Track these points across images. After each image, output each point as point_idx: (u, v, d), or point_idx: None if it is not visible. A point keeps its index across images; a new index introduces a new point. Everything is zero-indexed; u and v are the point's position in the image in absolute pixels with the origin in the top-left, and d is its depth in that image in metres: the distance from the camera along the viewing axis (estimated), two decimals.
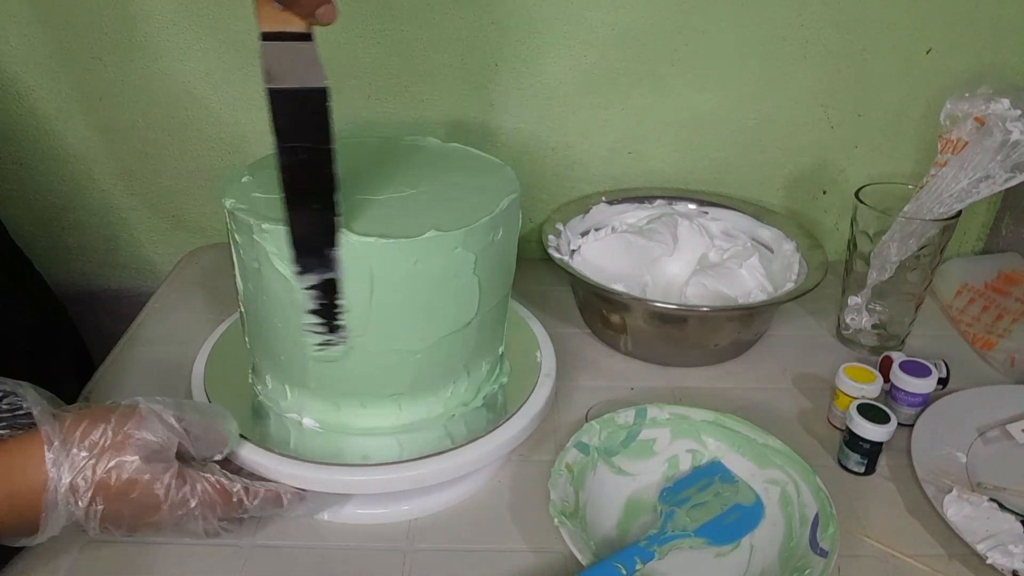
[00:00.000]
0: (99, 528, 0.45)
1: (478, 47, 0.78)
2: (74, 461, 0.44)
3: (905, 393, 0.64)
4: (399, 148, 0.60)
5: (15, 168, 0.85)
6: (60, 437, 0.44)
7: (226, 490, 0.48)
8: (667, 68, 0.80)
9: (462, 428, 0.55)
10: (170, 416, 0.47)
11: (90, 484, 0.44)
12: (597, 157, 0.85)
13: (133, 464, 0.44)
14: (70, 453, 0.44)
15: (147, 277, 0.93)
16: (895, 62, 0.81)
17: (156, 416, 0.46)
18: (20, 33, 0.77)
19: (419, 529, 0.55)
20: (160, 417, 0.46)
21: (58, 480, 0.43)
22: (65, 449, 0.44)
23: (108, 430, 0.45)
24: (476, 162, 0.59)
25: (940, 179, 0.67)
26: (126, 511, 0.45)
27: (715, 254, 0.81)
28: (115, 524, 0.46)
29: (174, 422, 0.47)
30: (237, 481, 0.49)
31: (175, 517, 0.46)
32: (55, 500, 0.43)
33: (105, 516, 0.45)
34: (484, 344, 0.56)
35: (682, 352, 0.72)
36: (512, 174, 0.57)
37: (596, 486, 0.56)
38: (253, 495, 0.49)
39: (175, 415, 0.47)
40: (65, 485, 0.43)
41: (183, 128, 0.83)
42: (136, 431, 0.45)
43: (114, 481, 0.44)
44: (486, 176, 0.57)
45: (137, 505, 0.45)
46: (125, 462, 0.44)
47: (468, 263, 0.50)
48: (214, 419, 0.50)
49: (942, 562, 0.53)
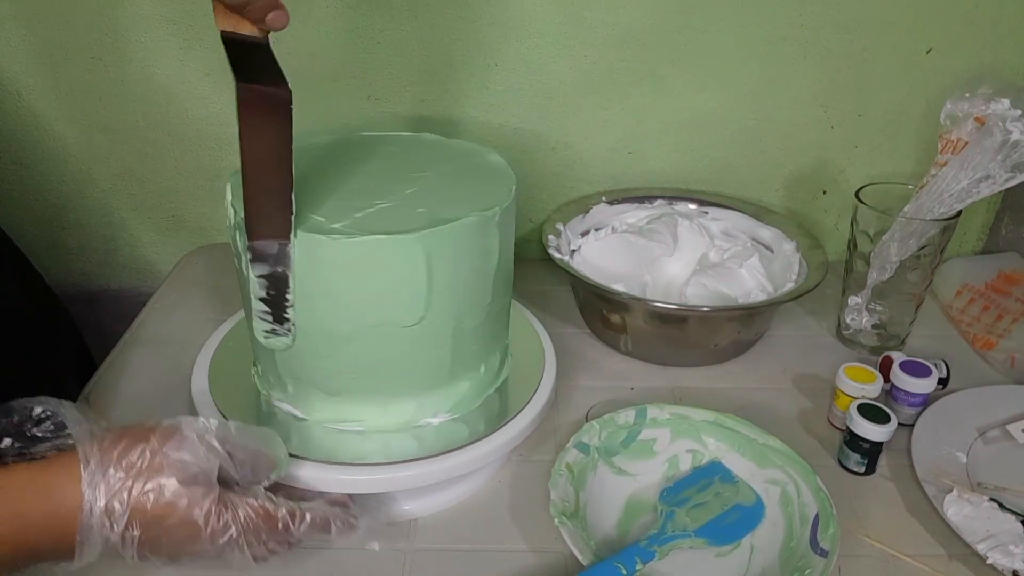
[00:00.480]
0: (136, 555, 0.43)
1: (478, 47, 0.78)
2: (110, 483, 0.41)
3: (905, 393, 0.64)
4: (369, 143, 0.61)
5: (15, 168, 0.85)
6: (96, 457, 0.42)
7: (270, 515, 0.46)
8: (667, 68, 0.80)
9: (462, 428, 0.55)
10: (212, 438, 0.45)
11: (126, 507, 0.41)
12: (597, 157, 0.85)
13: (170, 487, 0.42)
14: (106, 474, 0.42)
15: (147, 277, 0.93)
16: (895, 62, 0.81)
17: (197, 437, 0.44)
18: (20, 33, 0.77)
19: (419, 529, 0.55)
20: (202, 438, 0.44)
21: (93, 502, 0.41)
22: (101, 470, 0.42)
23: (147, 451, 0.43)
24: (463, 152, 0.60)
25: (940, 179, 0.67)
26: (164, 538, 0.43)
27: (715, 254, 0.81)
28: (154, 551, 0.43)
29: (216, 444, 0.45)
30: (282, 505, 0.46)
31: (217, 547, 0.44)
32: (90, 523, 0.41)
33: (142, 542, 0.42)
34: (486, 343, 0.56)
35: (682, 352, 0.72)
36: (504, 162, 0.58)
37: (596, 486, 0.56)
38: (300, 519, 0.47)
39: (218, 437, 0.45)
40: (100, 508, 0.41)
41: (183, 128, 0.83)
42: (174, 452, 0.43)
43: (151, 505, 0.42)
44: (479, 168, 0.57)
45: (175, 531, 0.43)
46: (162, 485, 0.42)
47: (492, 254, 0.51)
48: (261, 442, 0.48)
49: (942, 562, 0.53)
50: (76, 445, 0.42)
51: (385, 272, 0.48)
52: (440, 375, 0.54)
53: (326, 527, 0.48)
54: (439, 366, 0.54)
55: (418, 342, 0.52)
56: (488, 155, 0.59)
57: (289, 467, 0.50)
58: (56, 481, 0.41)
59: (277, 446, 0.49)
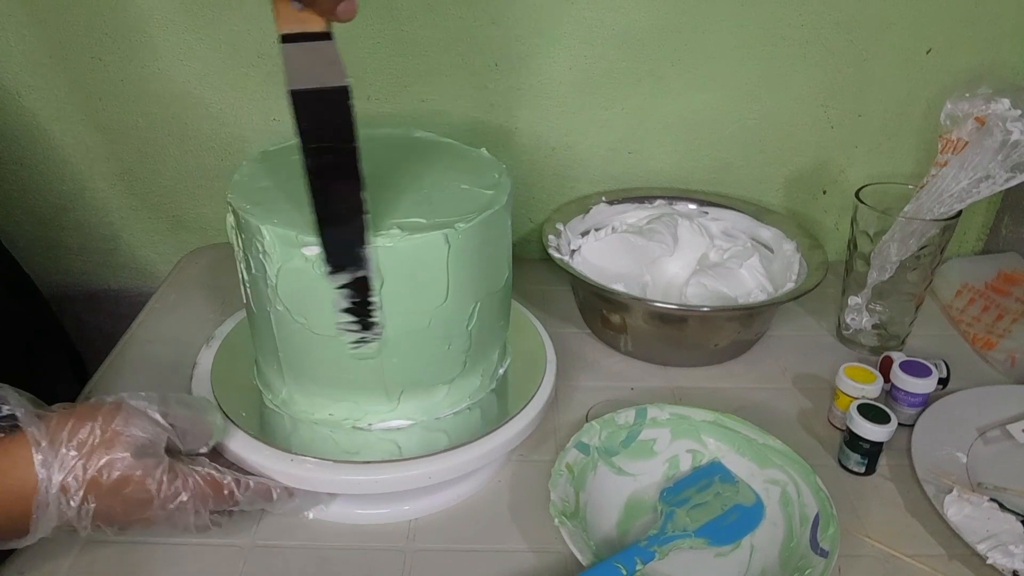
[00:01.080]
0: (91, 527, 0.45)
1: (478, 47, 0.78)
2: (64, 461, 0.43)
3: (905, 393, 0.64)
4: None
5: (15, 168, 0.85)
6: (47, 438, 0.43)
7: (217, 482, 0.48)
8: (667, 68, 0.80)
9: (462, 428, 0.55)
10: (155, 412, 0.47)
11: (81, 483, 0.43)
12: (597, 157, 0.85)
13: (124, 460, 0.44)
14: (59, 453, 0.43)
15: (147, 277, 0.93)
16: (895, 62, 0.81)
17: (142, 412, 0.46)
18: (20, 33, 0.77)
19: (419, 529, 0.55)
20: (146, 413, 0.47)
21: (48, 481, 0.43)
22: (53, 449, 0.43)
23: (96, 428, 0.45)
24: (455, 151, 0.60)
25: (940, 179, 0.67)
26: (118, 508, 0.45)
27: (715, 254, 0.81)
28: (107, 522, 0.45)
29: (159, 417, 0.47)
30: (227, 473, 0.49)
31: (167, 512, 0.46)
32: (46, 501, 0.43)
33: (97, 514, 0.44)
34: (469, 352, 0.56)
35: (682, 352, 0.72)
36: (493, 159, 0.59)
37: (596, 486, 0.56)
38: (244, 487, 0.49)
39: (160, 410, 0.47)
40: (56, 485, 0.43)
41: (183, 128, 0.83)
42: (124, 427, 0.45)
43: (105, 479, 0.44)
44: (470, 164, 0.58)
45: (129, 501, 0.45)
46: (116, 459, 0.44)
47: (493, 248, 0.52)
48: (198, 412, 0.50)
49: (942, 562, 0.53)
50: (22, 427, 0.44)
51: (412, 270, 0.49)
52: (447, 372, 0.54)
53: (267, 495, 0.51)
54: (442, 365, 0.54)
55: (426, 339, 0.52)
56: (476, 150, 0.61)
57: (224, 434, 0.52)
58: (4, 464, 0.43)
59: (212, 414, 0.51)
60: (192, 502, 0.47)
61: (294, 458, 0.52)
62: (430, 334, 0.52)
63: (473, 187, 0.55)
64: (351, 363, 0.51)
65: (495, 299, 0.56)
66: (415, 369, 0.53)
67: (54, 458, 0.43)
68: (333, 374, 0.53)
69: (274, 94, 0.81)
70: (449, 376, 0.55)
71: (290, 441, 0.53)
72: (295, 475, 0.51)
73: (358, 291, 0.48)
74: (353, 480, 0.52)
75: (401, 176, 0.55)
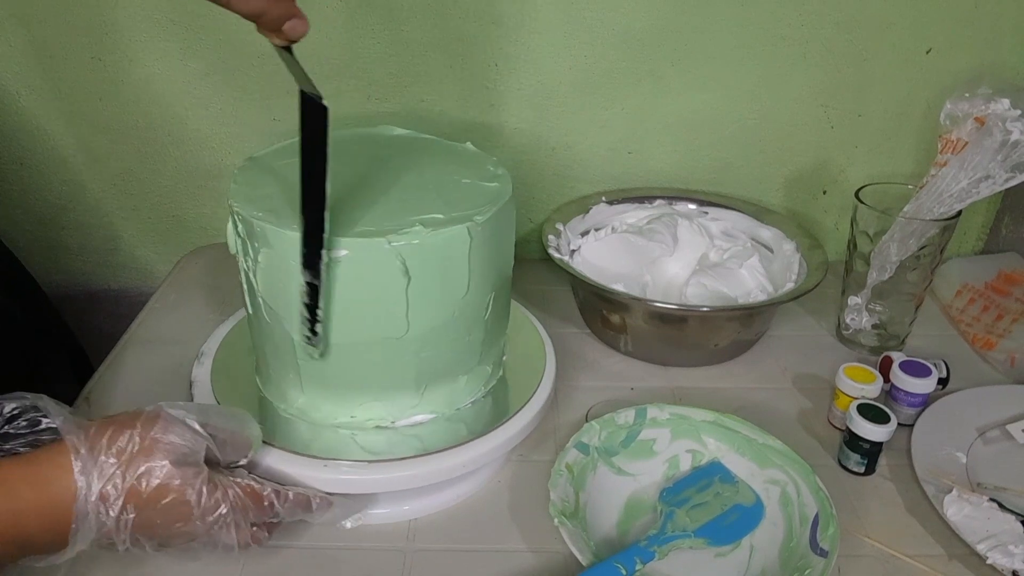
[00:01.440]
0: (130, 540, 0.44)
1: (478, 47, 0.78)
2: (103, 469, 0.42)
3: (905, 393, 0.64)
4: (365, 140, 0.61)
5: (15, 168, 0.85)
6: (87, 445, 0.43)
7: (257, 493, 0.47)
8: (667, 68, 0.80)
9: (462, 428, 0.55)
10: (194, 421, 0.46)
11: (120, 491, 0.42)
12: (597, 157, 0.85)
13: (163, 468, 0.43)
14: (98, 461, 0.42)
15: (147, 277, 0.93)
16: (895, 62, 0.81)
17: (180, 421, 0.45)
18: (20, 33, 0.77)
19: (419, 529, 0.55)
20: (184, 422, 0.46)
21: (87, 489, 0.42)
22: (93, 457, 0.42)
23: (135, 436, 0.44)
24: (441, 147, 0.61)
25: (940, 179, 0.67)
26: (158, 519, 0.44)
27: (715, 254, 0.81)
28: (146, 534, 0.44)
29: (198, 427, 0.46)
30: (267, 485, 0.48)
31: (206, 524, 0.45)
32: (85, 510, 0.42)
33: (137, 525, 0.43)
34: (484, 341, 0.56)
35: (682, 352, 0.72)
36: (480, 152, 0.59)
37: (596, 486, 0.56)
38: (284, 498, 0.48)
39: (199, 420, 0.46)
40: (95, 493, 0.42)
41: (183, 128, 0.83)
42: (163, 435, 0.44)
43: (144, 487, 0.43)
44: (462, 158, 0.59)
45: (169, 512, 0.44)
46: (155, 467, 0.43)
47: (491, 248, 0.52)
48: (237, 424, 0.49)
49: (942, 562, 0.53)
50: (63, 436, 0.43)
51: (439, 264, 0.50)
52: (440, 374, 0.54)
53: (307, 505, 0.50)
54: (441, 365, 0.54)
55: (451, 331, 0.52)
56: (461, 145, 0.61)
57: (261, 446, 0.51)
58: (46, 472, 0.42)
59: (251, 426, 0.50)
60: (232, 514, 0.45)
61: (294, 457, 0.52)
62: (455, 326, 0.52)
63: (475, 180, 0.55)
64: (383, 363, 0.52)
65: (505, 288, 0.57)
66: (442, 361, 0.54)
67: (93, 466, 0.42)
68: (332, 373, 0.53)
69: (274, 94, 0.81)
70: (448, 376, 0.55)
71: (290, 439, 0.53)
72: (295, 474, 0.51)
73: (310, 296, 0.48)
74: (354, 480, 0.52)
75: (400, 174, 0.55)
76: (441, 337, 0.52)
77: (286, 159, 0.56)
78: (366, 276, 0.49)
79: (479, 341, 0.55)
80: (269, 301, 0.51)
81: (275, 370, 0.55)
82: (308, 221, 0.47)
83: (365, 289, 0.49)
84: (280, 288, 0.50)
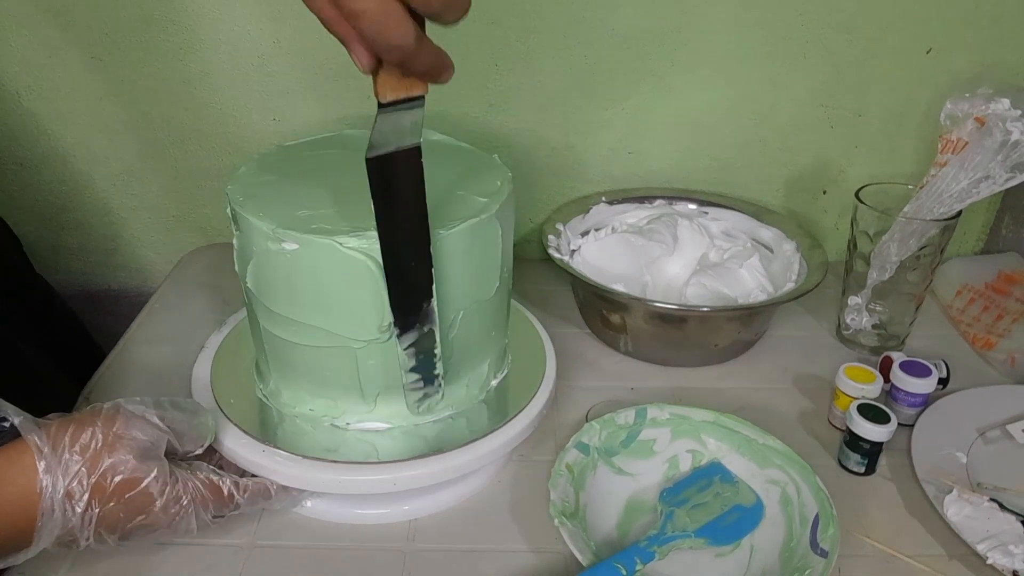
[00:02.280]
0: (93, 536, 0.44)
1: (478, 47, 0.78)
2: (67, 467, 0.43)
3: (905, 393, 0.64)
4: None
5: (15, 169, 0.85)
6: (49, 444, 0.43)
7: (216, 485, 0.48)
8: (667, 68, 0.80)
9: (462, 428, 0.55)
10: (153, 415, 0.47)
11: (86, 488, 0.43)
12: (597, 157, 0.85)
13: (128, 463, 0.44)
14: (62, 459, 0.43)
15: (147, 277, 0.93)
16: (895, 62, 0.81)
17: (140, 416, 0.46)
18: (20, 33, 0.77)
19: (419, 529, 0.55)
20: (144, 417, 0.46)
21: (52, 487, 0.42)
22: (56, 455, 0.43)
23: (97, 432, 0.44)
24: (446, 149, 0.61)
25: (940, 179, 0.67)
26: (121, 513, 0.45)
27: (715, 254, 0.81)
28: (110, 529, 0.45)
29: (158, 421, 0.47)
30: (226, 476, 0.49)
31: (168, 516, 0.46)
32: (51, 507, 0.42)
33: (100, 520, 0.44)
34: (485, 341, 0.56)
35: (682, 352, 0.72)
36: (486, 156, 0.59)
37: (596, 486, 0.56)
38: (243, 489, 0.50)
39: (157, 414, 0.47)
40: (60, 492, 0.42)
41: (183, 128, 0.83)
42: (125, 431, 0.45)
43: (109, 483, 0.44)
44: (467, 161, 0.58)
45: (132, 506, 0.45)
46: (119, 462, 0.44)
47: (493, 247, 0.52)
48: (192, 414, 0.50)
49: (942, 562, 0.53)
50: (23, 435, 0.43)
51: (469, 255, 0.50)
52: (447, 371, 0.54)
53: (266, 494, 0.51)
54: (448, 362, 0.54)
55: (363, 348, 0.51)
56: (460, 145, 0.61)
57: (214, 436, 0.52)
58: (4, 473, 0.42)
59: (204, 416, 0.51)
60: (192, 505, 0.47)
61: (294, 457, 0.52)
62: (458, 325, 0.53)
63: (475, 179, 0.55)
64: (350, 363, 0.51)
65: (506, 286, 0.57)
66: (446, 361, 0.53)
67: (57, 464, 0.43)
68: (331, 373, 0.52)
69: (274, 94, 0.81)
70: (449, 376, 0.55)
71: (290, 440, 0.53)
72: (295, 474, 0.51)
73: (423, 347, 0.49)
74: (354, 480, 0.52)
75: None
76: (445, 338, 0.52)
77: (287, 159, 0.56)
78: (370, 278, 0.48)
79: (482, 340, 0.55)
80: (264, 301, 0.52)
81: (276, 371, 0.55)
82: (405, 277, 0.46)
83: (370, 291, 0.49)
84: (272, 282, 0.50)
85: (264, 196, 0.51)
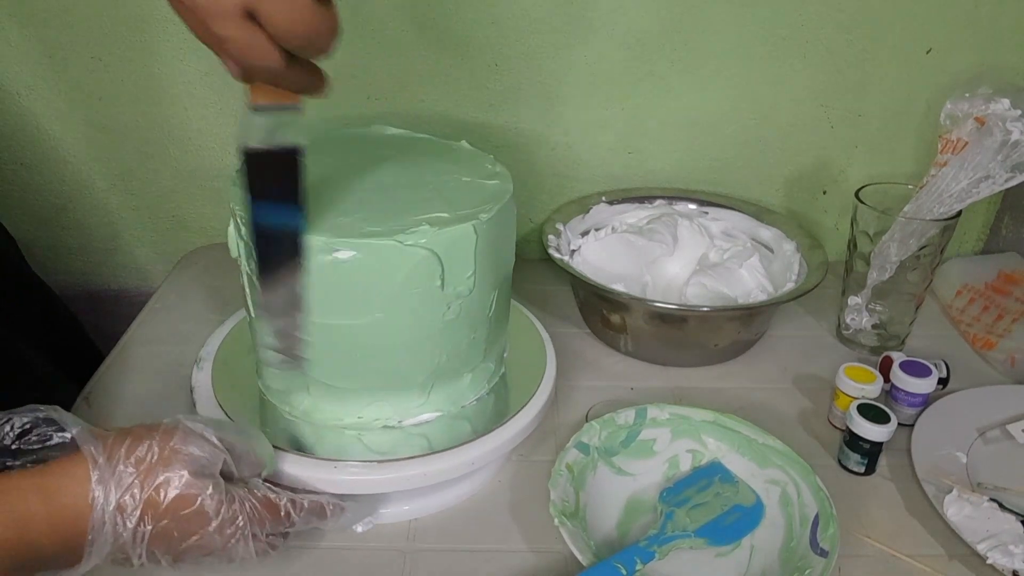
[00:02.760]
0: (145, 553, 0.43)
1: (478, 47, 0.78)
2: (120, 479, 0.41)
3: (905, 393, 0.64)
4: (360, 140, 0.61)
5: (15, 169, 0.85)
6: (104, 455, 0.42)
7: (273, 504, 0.47)
8: (667, 68, 0.80)
9: (462, 428, 0.55)
10: (212, 434, 0.46)
11: (138, 502, 0.42)
12: (597, 157, 0.85)
13: (182, 479, 0.43)
14: (116, 471, 0.42)
15: (147, 277, 0.93)
16: (895, 62, 0.81)
17: (199, 433, 0.45)
18: (20, 33, 0.77)
19: (419, 529, 0.55)
20: (203, 435, 0.45)
21: (104, 500, 0.41)
22: (111, 467, 0.41)
23: (154, 446, 0.43)
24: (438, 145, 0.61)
25: (940, 179, 0.67)
26: (175, 531, 0.43)
27: (715, 254, 0.81)
28: (163, 547, 0.43)
29: (216, 440, 0.46)
30: (283, 495, 0.48)
31: (224, 537, 0.44)
32: (102, 520, 0.41)
33: (154, 537, 0.42)
34: (488, 339, 0.56)
35: (682, 352, 0.72)
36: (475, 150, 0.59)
37: (596, 486, 0.56)
38: (299, 507, 0.48)
39: (216, 434, 0.46)
40: (112, 504, 0.41)
41: (183, 128, 0.83)
42: (182, 446, 0.44)
43: (163, 498, 0.42)
44: (466, 161, 0.58)
45: (186, 524, 0.43)
46: (173, 477, 0.42)
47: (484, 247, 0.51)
48: (251, 441, 0.49)
49: (942, 562, 0.53)
50: (79, 445, 0.42)
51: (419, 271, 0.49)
52: (441, 374, 0.54)
53: (322, 513, 0.50)
54: (442, 365, 0.54)
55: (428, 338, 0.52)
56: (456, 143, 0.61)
57: (275, 465, 0.51)
58: (58, 482, 0.41)
59: (265, 445, 0.50)
60: (249, 526, 0.45)
61: (294, 458, 0.52)
62: (461, 324, 0.52)
63: (475, 178, 0.55)
64: (392, 364, 0.52)
65: (507, 285, 0.57)
66: (448, 359, 0.54)
67: (111, 476, 0.41)
68: (332, 373, 0.52)
69: None
70: (449, 376, 0.55)
71: (290, 440, 0.53)
72: (295, 475, 0.51)
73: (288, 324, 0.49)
74: (354, 480, 0.52)
75: (399, 173, 0.55)
76: (448, 335, 0.52)
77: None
78: (375, 278, 0.48)
79: (483, 339, 0.55)
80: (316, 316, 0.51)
81: (279, 372, 0.55)
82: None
83: (373, 291, 0.49)
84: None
85: None
